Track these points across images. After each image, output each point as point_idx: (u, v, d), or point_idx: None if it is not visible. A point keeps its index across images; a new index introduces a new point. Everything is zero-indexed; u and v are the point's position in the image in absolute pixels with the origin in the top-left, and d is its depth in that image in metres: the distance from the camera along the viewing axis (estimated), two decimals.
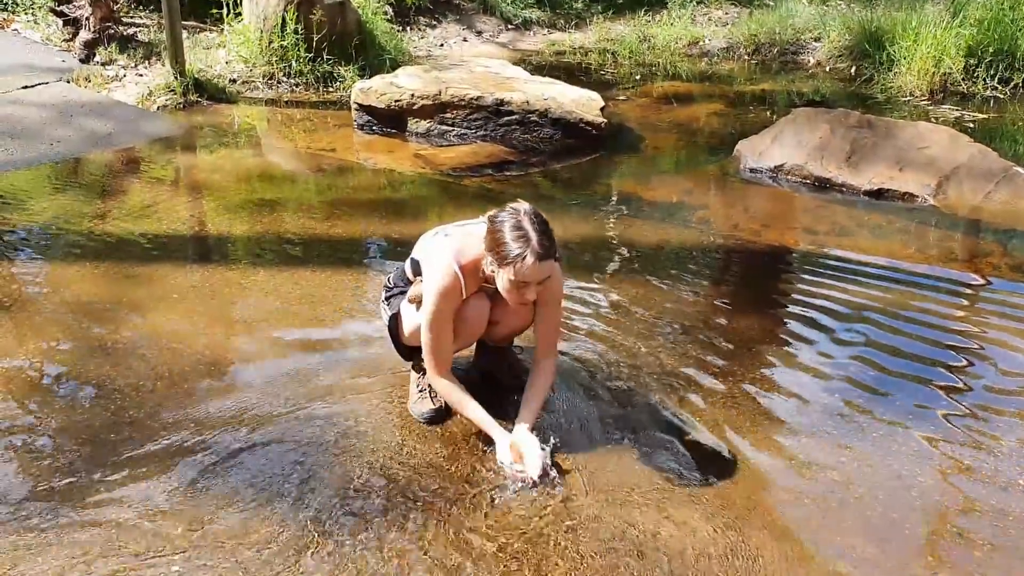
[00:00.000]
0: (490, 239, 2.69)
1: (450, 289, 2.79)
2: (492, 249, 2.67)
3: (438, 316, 2.81)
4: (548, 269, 2.65)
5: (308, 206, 5.03)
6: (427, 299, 2.81)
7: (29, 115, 6.18)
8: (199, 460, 2.82)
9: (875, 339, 3.68)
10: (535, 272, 2.62)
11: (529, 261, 2.59)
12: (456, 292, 2.81)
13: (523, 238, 2.60)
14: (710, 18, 10.25)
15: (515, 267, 2.61)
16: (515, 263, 2.60)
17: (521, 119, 6.19)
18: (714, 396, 3.25)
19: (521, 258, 2.59)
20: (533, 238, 2.60)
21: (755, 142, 5.86)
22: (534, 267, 2.60)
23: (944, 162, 5.29)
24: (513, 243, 2.60)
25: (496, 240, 2.65)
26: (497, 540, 2.51)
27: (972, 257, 4.57)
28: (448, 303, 2.81)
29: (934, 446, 2.97)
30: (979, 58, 7.42)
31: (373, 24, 8.05)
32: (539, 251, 2.59)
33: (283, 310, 3.82)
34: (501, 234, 2.64)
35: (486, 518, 2.60)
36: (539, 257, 2.59)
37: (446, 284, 2.78)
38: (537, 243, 2.59)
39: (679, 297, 4.04)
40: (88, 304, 3.81)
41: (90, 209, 4.86)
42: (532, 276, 2.63)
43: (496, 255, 2.66)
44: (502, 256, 2.63)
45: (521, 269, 2.61)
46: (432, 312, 2.81)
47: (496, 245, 2.65)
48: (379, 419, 3.05)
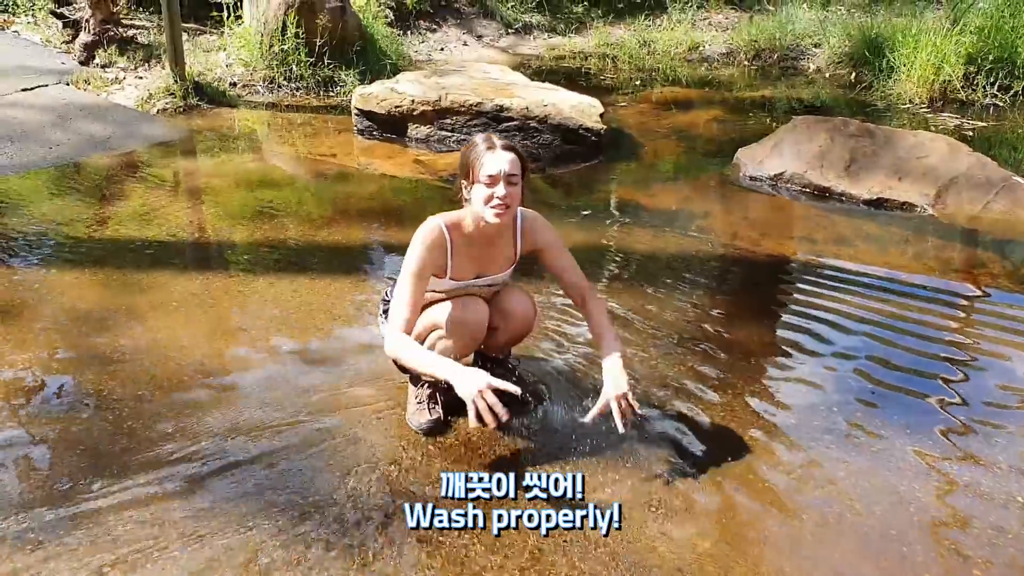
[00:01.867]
0: (462, 157, 2.86)
1: (434, 240, 2.86)
2: (464, 163, 2.84)
3: (418, 266, 2.83)
4: (512, 163, 2.77)
5: (308, 212, 5.03)
6: (410, 251, 2.86)
7: (28, 118, 6.18)
8: (197, 471, 2.82)
9: (873, 351, 3.68)
10: (498, 161, 2.76)
11: (488, 150, 2.77)
12: (440, 244, 2.87)
13: (486, 138, 2.83)
14: (710, 23, 10.26)
15: (481, 161, 2.76)
16: (480, 157, 2.77)
17: (521, 125, 6.19)
18: (712, 408, 3.25)
19: (485, 150, 2.77)
20: (494, 137, 2.83)
21: (754, 150, 5.87)
22: (497, 155, 2.76)
23: (943, 171, 5.29)
24: (479, 142, 2.82)
25: (466, 150, 2.85)
26: (498, 554, 2.51)
27: (971, 267, 4.57)
28: (430, 254, 2.85)
29: (932, 461, 2.97)
30: (979, 66, 7.43)
31: (374, 28, 8.05)
32: (498, 143, 2.80)
33: (281, 318, 3.82)
34: (470, 143, 2.87)
35: (485, 534, 2.59)
36: (501, 147, 2.78)
37: (429, 233, 2.86)
38: (497, 138, 2.83)
39: (677, 306, 4.04)
40: (86, 312, 3.81)
41: (88, 214, 4.86)
42: (496, 166, 2.75)
43: (466, 165, 2.82)
44: (470, 160, 2.80)
45: (486, 159, 2.75)
46: (413, 260, 2.83)
47: (465, 155, 2.84)
48: (377, 430, 3.05)
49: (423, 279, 2.85)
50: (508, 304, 3.08)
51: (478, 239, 2.90)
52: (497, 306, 3.07)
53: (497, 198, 2.76)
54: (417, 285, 2.84)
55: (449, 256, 2.88)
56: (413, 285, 2.83)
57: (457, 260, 2.91)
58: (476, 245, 2.92)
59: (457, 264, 2.91)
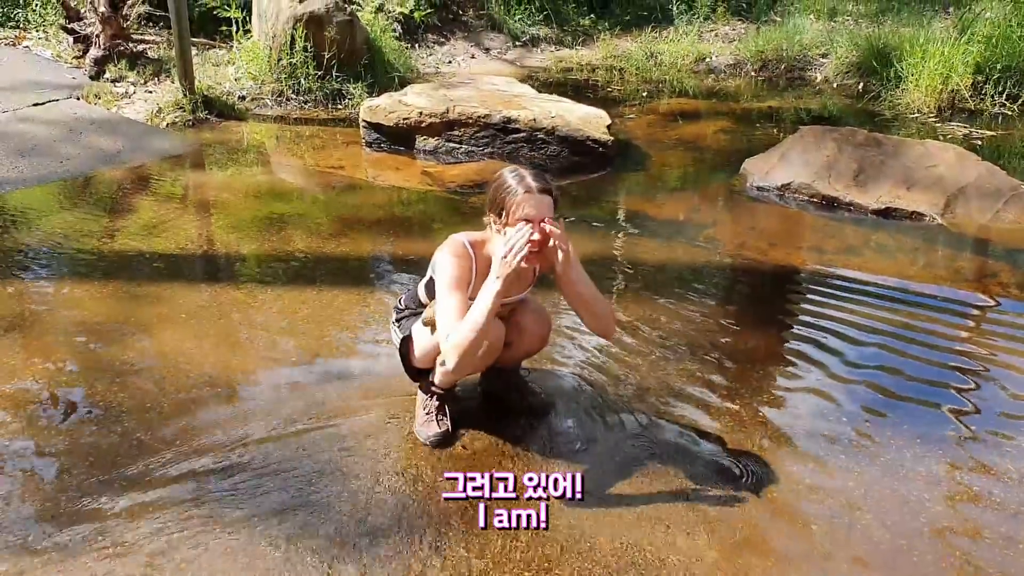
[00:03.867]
0: (492, 192, 2.79)
1: (461, 255, 2.84)
2: (494, 199, 2.77)
3: (456, 279, 2.80)
4: (547, 205, 2.73)
5: (316, 224, 5.04)
6: (440, 268, 2.84)
7: (39, 132, 6.21)
8: (204, 482, 2.83)
9: (883, 361, 3.67)
10: (532, 205, 2.69)
11: (522, 191, 2.70)
12: (467, 259, 2.85)
13: (518, 176, 2.75)
14: (716, 34, 10.26)
15: (517, 203, 2.69)
16: (516, 198, 2.70)
17: (528, 136, 6.20)
18: (721, 417, 3.24)
19: (519, 191, 2.70)
20: (527, 175, 2.75)
21: (762, 160, 5.87)
22: (530, 199, 2.70)
23: (952, 181, 5.28)
24: (510, 180, 2.75)
25: (496, 187, 2.78)
26: (503, 567, 2.51)
27: (981, 277, 4.55)
28: (462, 268, 2.83)
29: (943, 471, 2.96)
30: (987, 75, 7.41)
31: (382, 42, 8.09)
32: (534, 183, 2.72)
33: (289, 330, 3.83)
34: (499, 178, 2.79)
35: (492, 544, 2.59)
36: (535, 189, 2.71)
37: (457, 252, 2.85)
38: (532, 177, 2.74)
39: (686, 316, 4.03)
40: (96, 324, 3.83)
41: (99, 227, 4.89)
42: (530, 210, 2.69)
43: (497, 202, 2.75)
44: (502, 197, 2.73)
45: (522, 202, 2.69)
46: (446, 272, 2.81)
47: (496, 191, 2.77)
48: (385, 441, 3.05)
49: (462, 287, 2.81)
50: (523, 320, 3.09)
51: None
52: (512, 321, 3.07)
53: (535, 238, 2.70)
54: (459, 295, 2.79)
55: (474, 273, 2.86)
56: (456, 294, 2.79)
57: (479, 280, 2.87)
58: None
59: (478, 284, 2.88)
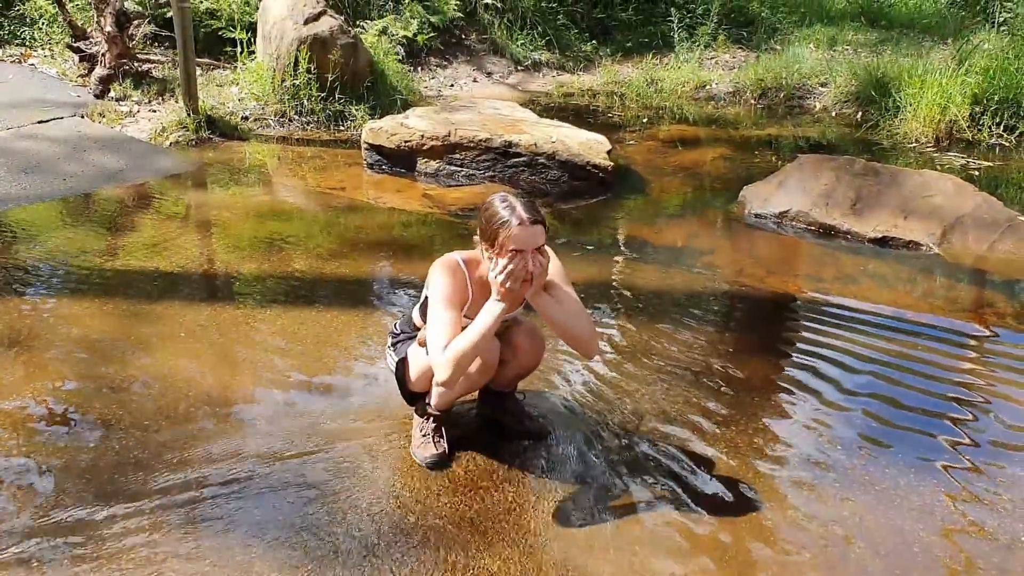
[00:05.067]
0: (482, 221, 2.79)
1: (455, 272, 2.87)
2: (485, 228, 2.77)
3: (448, 295, 2.82)
4: (539, 235, 2.73)
5: (316, 245, 5.07)
6: (433, 283, 2.86)
7: (43, 150, 6.26)
8: (202, 503, 2.84)
9: (879, 390, 3.68)
10: (526, 236, 2.69)
11: (515, 223, 2.68)
12: (461, 277, 2.88)
13: (509, 207, 2.73)
14: (717, 62, 10.34)
15: (507, 232, 2.68)
16: (506, 228, 2.69)
17: (529, 161, 6.24)
18: (717, 444, 3.25)
19: (511, 223, 2.69)
20: (519, 205, 2.73)
21: (760, 188, 5.90)
22: (524, 230, 2.69)
23: (949, 211, 5.31)
24: (502, 211, 2.72)
25: (487, 216, 2.76)
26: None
27: (977, 307, 4.57)
28: (456, 285, 2.85)
29: (937, 501, 2.97)
30: (984, 106, 7.46)
31: (385, 64, 8.15)
32: (526, 214, 2.70)
33: (288, 350, 3.84)
34: (491, 208, 2.76)
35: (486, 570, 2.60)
36: (527, 220, 2.69)
37: (448, 265, 2.88)
38: (523, 208, 2.72)
39: (683, 342, 4.05)
40: (96, 342, 3.84)
41: (99, 245, 4.91)
42: (524, 241, 2.70)
43: (489, 231, 2.74)
44: (495, 228, 2.72)
45: (513, 233, 2.68)
46: (439, 288, 2.83)
47: (487, 222, 2.75)
48: (382, 463, 3.06)
49: (454, 304, 2.83)
50: (518, 339, 3.10)
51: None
52: (507, 340, 3.09)
53: (528, 268, 2.72)
54: (451, 310, 2.81)
55: (469, 292, 2.89)
56: (447, 309, 2.80)
57: (474, 298, 2.91)
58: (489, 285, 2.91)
59: (474, 304, 2.91)
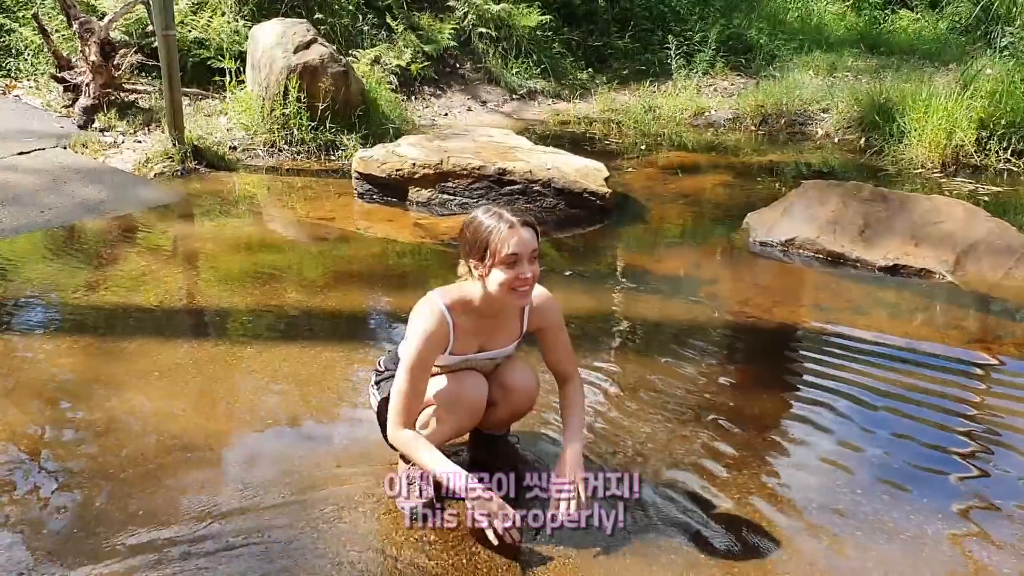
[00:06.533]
0: (468, 236, 2.62)
1: (435, 332, 2.65)
2: (473, 243, 2.60)
3: (420, 361, 2.64)
4: (531, 239, 2.58)
5: (303, 277, 4.85)
6: (410, 342, 2.65)
7: (22, 181, 6.06)
8: (168, 559, 2.59)
9: (897, 428, 3.45)
10: (518, 240, 2.55)
11: (506, 227, 2.55)
12: (442, 335, 2.67)
13: (495, 215, 2.60)
14: (715, 89, 10.20)
15: (499, 236, 2.54)
16: (500, 236, 2.54)
17: (524, 189, 6.04)
18: (726, 489, 3.01)
19: (501, 228, 2.55)
20: (505, 212, 2.60)
21: (764, 215, 5.70)
22: (515, 233, 2.55)
23: (961, 237, 5.10)
24: (489, 220, 2.58)
25: (473, 229, 2.61)
26: None
27: (995, 337, 4.35)
28: (432, 347, 2.66)
29: (968, 550, 2.72)
30: (991, 130, 7.29)
31: (377, 93, 7.99)
32: (515, 217, 2.58)
33: (268, 389, 3.61)
34: (476, 220, 2.62)
35: None
36: (518, 223, 2.56)
37: (431, 326, 2.65)
38: (510, 213, 2.59)
39: (687, 377, 3.82)
40: (63, 381, 3.62)
41: (74, 279, 4.70)
42: (517, 246, 2.54)
43: (477, 244, 2.58)
44: (484, 238, 2.56)
45: (507, 238, 2.54)
46: (414, 355, 2.64)
47: (475, 234, 2.60)
48: (364, 513, 2.81)
49: (424, 372, 2.67)
50: (509, 378, 2.88)
51: (486, 313, 2.71)
52: (497, 380, 2.86)
53: (522, 278, 2.57)
54: (418, 378, 2.66)
55: (451, 338, 2.69)
56: (414, 378, 2.65)
57: (460, 337, 2.72)
58: (482, 319, 2.73)
59: (460, 341, 2.72)
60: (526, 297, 2.63)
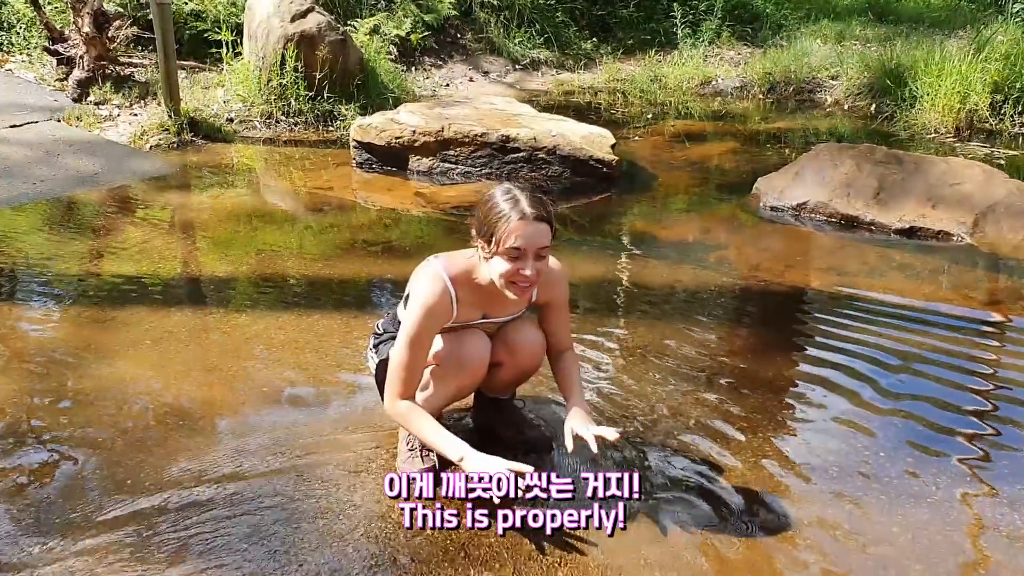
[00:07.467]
0: (481, 214, 2.45)
1: (438, 304, 2.50)
2: (483, 223, 2.43)
3: (420, 334, 2.50)
4: (543, 235, 2.39)
5: (300, 246, 4.72)
6: (411, 313, 2.50)
7: (14, 154, 5.91)
8: (156, 528, 2.46)
9: (918, 389, 3.31)
10: (525, 235, 2.37)
11: (516, 217, 2.37)
12: (445, 307, 2.52)
13: (512, 199, 2.41)
14: (722, 58, 10.00)
15: (508, 227, 2.36)
16: (505, 221, 2.37)
17: (528, 156, 5.89)
18: (741, 452, 2.88)
19: (512, 217, 2.37)
20: (523, 199, 2.40)
21: (775, 179, 5.54)
22: (524, 227, 2.36)
23: (980, 199, 4.94)
24: (503, 203, 2.40)
25: (486, 209, 2.43)
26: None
27: (1017, 298, 4.20)
28: (434, 320, 2.51)
29: (1000, 515, 2.58)
30: (1005, 94, 7.11)
31: (376, 63, 7.81)
32: (530, 209, 2.38)
33: (264, 357, 3.48)
34: (491, 201, 2.44)
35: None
36: (531, 216, 2.37)
37: (433, 298, 2.50)
38: (528, 202, 2.39)
39: (699, 340, 3.68)
40: (52, 350, 3.49)
41: (66, 249, 4.56)
42: (523, 240, 2.36)
43: (486, 226, 2.41)
44: (493, 221, 2.38)
45: (514, 230, 2.36)
46: (414, 328, 2.49)
47: (486, 215, 2.43)
48: (365, 480, 2.69)
49: (424, 346, 2.53)
50: (514, 336, 2.73)
51: (489, 286, 2.54)
52: (502, 339, 2.72)
53: (522, 275, 2.41)
54: (419, 351, 2.52)
55: (454, 311, 2.55)
56: (414, 352, 2.51)
57: (464, 309, 2.57)
58: (487, 292, 2.56)
59: (464, 311, 2.58)
60: (525, 293, 2.48)
